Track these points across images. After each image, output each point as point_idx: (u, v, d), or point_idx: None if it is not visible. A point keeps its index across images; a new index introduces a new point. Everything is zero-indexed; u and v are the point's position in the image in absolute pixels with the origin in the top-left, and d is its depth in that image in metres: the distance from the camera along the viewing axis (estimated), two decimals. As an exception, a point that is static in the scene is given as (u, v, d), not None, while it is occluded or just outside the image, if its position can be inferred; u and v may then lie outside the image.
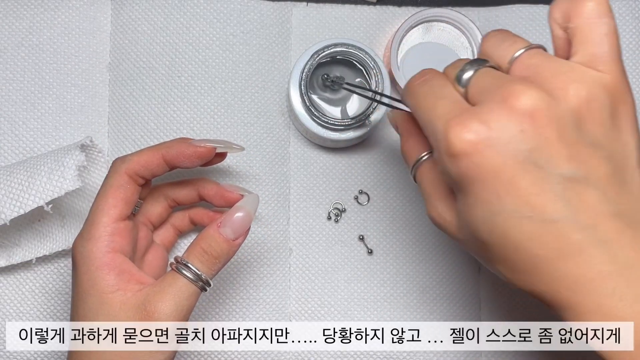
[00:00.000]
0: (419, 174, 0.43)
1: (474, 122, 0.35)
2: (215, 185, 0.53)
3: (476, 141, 0.34)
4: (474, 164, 0.35)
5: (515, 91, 0.34)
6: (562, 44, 0.39)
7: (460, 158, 0.35)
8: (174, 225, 0.55)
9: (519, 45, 0.38)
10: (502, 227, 0.35)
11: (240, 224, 0.47)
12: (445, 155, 0.36)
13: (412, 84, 0.40)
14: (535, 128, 0.34)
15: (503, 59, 0.38)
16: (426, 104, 0.38)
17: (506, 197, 0.35)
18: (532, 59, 0.37)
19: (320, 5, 0.60)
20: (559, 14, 0.38)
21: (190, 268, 0.45)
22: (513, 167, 0.34)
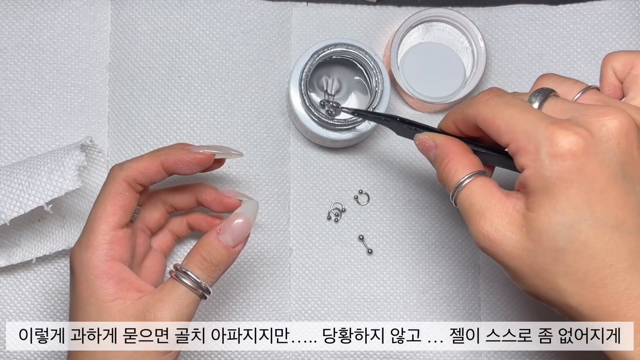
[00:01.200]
0: (467, 191, 0.42)
1: (580, 128, 0.37)
2: (213, 191, 0.53)
3: (584, 144, 0.37)
4: (577, 166, 0.37)
5: (609, 110, 0.38)
6: (613, 90, 0.43)
7: (565, 158, 0.37)
8: (172, 230, 0.55)
9: (580, 84, 0.42)
10: (585, 234, 0.37)
11: (240, 231, 0.46)
12: (547, 156, 0.37)
13: (486, 96, 0.41)
14: (628, 144, 0.38)
15: (567, 95, 0.42)
16: (513, 111, 0.39)
17: (597, 205, 0.37)
18: (597, 95, 0.41)
19: (320, 5, 0.60)
20: (619, 64, 0.42)
21: (190, 276, 0.45)
22: (608, 177, 0.37)
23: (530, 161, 0.38)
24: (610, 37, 0.60)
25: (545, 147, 0.37)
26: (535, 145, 0.38)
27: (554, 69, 0.60)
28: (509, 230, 0.40)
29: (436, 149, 0.45)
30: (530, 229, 0.39)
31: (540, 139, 0.38)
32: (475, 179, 0.42)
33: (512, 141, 0.39)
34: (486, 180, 0.42)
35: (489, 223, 0.40)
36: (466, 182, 0.42)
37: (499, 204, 0.40)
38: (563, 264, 0.38)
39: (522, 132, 0.39)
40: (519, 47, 0.60)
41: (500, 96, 0.41)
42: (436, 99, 0.57)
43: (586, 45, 0.60)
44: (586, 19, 0.60)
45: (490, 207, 0.40)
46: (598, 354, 0.58)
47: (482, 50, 0.58)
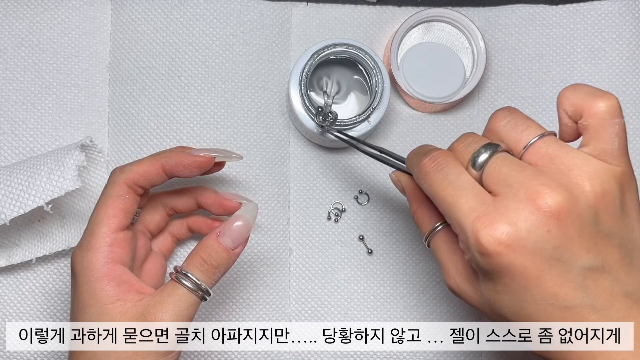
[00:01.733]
0: (434, 242, 0.45)
1: (503, 224, 0.37)
2: (213, 194, 0.53)
3: (507, 243, 0.37)
4: (505, 261, 0.37)
5: (540, 192, 0.37)
6: (570, 131, 0.41)
7: (491, 256, 0.37)
8: (172, 233, 0.55)
9: (532, 131, 0.39)
10: (526, 311, 0.39)
11: (240, 233, 0.47)
12: (475, 252, 0.38)
13: (425, 169, 0.41)
14: (559, 228, 0.37)
15: (517, 144, 0.40)
16: (446, 195, 0.39)
17: (534, 289, 0.38)
18: (547, 147, 0.39)
19: (320, 5, 0.60)
20: (570, 108, 0.40)
21: (190, 278, 0.45)
22: (540, 264, 0.37)
23: (465, 250, 0.39)
24: (610, 37, 0.60)
25: (472, 244, 0.38)
26: (464, 239, 0.39)
27: (554, 69, 0.60)
28: (466, 287, 0.42)
29: (406, 193, 0.47)
30: (482, 295, 0.41)
31: (468, 235, 0.38)
32: (440, 232, 0.44)
33: (450, 223, 0.40)
34: (450, 233, 0.43)
35: (452, 279, 0.43)
36: (433, 233, 0.45)
37: (460, 262, 0.42)
38: (515, 327, 0.40)
39: (454, 221, 0.39)
40: (519, 47, 0.60)
41: (437, 169, 0.40)
42: (436, 99, 0.57)
43: (586, 45, 0.60)
44: (586, 19, 0.60)
45: (451, 264, 0.43)
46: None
47: (482, 50, 0.58)
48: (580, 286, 0.38)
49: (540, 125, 0.40)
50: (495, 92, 0.60)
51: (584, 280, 0.38)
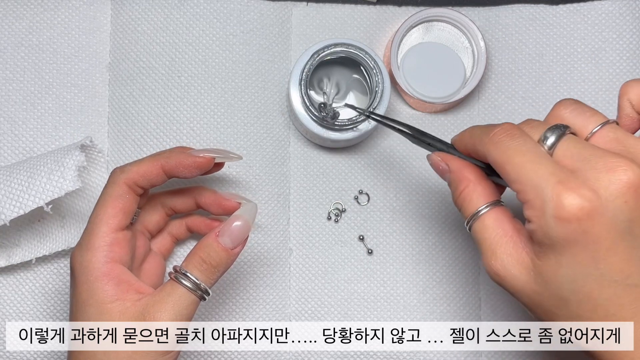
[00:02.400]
0: (481, 223, 0.43)
1: (586, 190, 0.37)
2: (212, 194, 0.53)
3: (589, 209, 0.37)
4: (582, 229, 0.37)
5: (620, 164, 0.37)
6: (631, 122, 0.42)
7: (570, 222, 0.37)
8: (171, 233, 0.55)
9: (598, 117, 0.41)
10: (588, 287, 0.38)
11: (239, 233, 0.47)
12: (551, 217, 0.37)
13: (497, 137, 0.41)
14: (636, 201, 0.37)
15: (583, 129, 0.41)
16: (523, 160, 0.39)
17: (602, 262, 0.37)
18: (615, 133, 0.40)
19: (320, 5, 0.60)
20: (636, 96, 0.42)
21: (189, 277, 0.45)
22: (614, 236, 0.37)
23: (536, 217, 0.38)
24: (610, 37, 0.60)
25: (550, 207, 0.37)
26: (541, 203, 0.38)
27: (554, 69, 0.60)
28: (517, 270, 0.41)
29: (451, 174, 0.45)
30: (538, 275, 0.40)
31: (546, 199, 0.37)
32: (490, 212, 0.42)
33: (520, 192, 0.39)
34: (500, 213, 0.42)
35: (499, 261, 0.41)
36: (480, 213, 0.42)
37: (510, 243, 0.41)
38: (567, 310, 0.39)
39: (529, 186, 0.38)
40: (519, 47, 0.60)
41: (512, 138, 0.40)
42: (436, 99, 0.57)
43: (586, 45, 0.60)
44: (586, 19, 0.60)
45: (501, 245, 0.41)
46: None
47: (482, 50, 0.58)
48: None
49: (603, 114, 0.41)
50: (495, 92, 0.60)
51: None
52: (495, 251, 0.41)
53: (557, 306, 0.40)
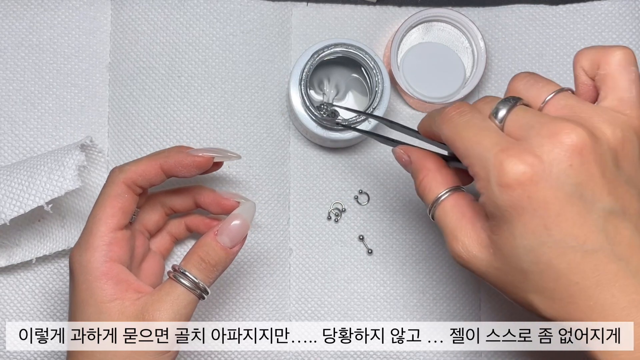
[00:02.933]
0: (441, 210, 0.43)
1: (528, 155, 0.37)
2: (211, 193, 0.53)
3: (531, 173, 0.36)
4: (526, 195, 0.37)
5: (564, 127, 0.37)
6: (587, 90, 0.42)
7: (513, 188, 0.37)
8: (170, 232, 0.55)
9: (551, 87, 0.41)
10: (547, 256, 0.37)
11: (237, 232, 0.47)
12: (496, 185, 0.37)
13: (449, 114, 0.41)
14: (582, 163, 0.37)
15: (536, 99, 0.41)
16: (469, 134, 0.39)
17: (554, 228, 0.37)
18: (567, 100, 0.40)
19: (320, 5, 0.60)
20: (587, 62, 0.41)
21: (188, 276, 0.45)
22: (562, 200, 0.37)
23: (484, 188, 0.38)
24: (610, 37, 0.60)
25: (494, 175, 0.37)
26: (485, 172, 0.38)
27: (554, 69, 0.60)
28: (478, 250, 0.41)
29: (412, 164, 0.46)
30: (496, 250, 0.39)
31: (490, 168, 0.37)
32: (449, 198, 0.43)
33: (469, 165, 0.39)
34: (459, 198, 0.43)
35: (460, 244, 0.41)
36: (440, 200, 0.43)
37: (469, 225, 0.41)
38: (531, 283, 0.39)
39: (475, 158, 0.39)
40: (519, 47, 0.60)
41: (461, 114, 0.41)
42: (436, 99, 0.57)
43: (586, 45, 0.60)
44: (586, 19, 0.60)
45: (460, 228, 0.42)
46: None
47: (482, 50, 0.58)
48: (601, 230, 0.37)
49: (557, 84, 0.41)
50: (495, 92, 0.60)
51: (604, 223, 0.37)
52: (456, 235, 0.42)
53: (520, 280, 0.39)
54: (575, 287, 0.38)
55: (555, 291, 0.38)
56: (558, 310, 0.39)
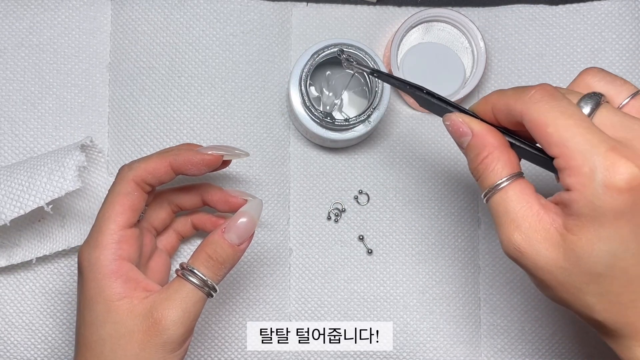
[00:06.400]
0: (503, 195, 0.40)
1: (639, 159, 0.36)
2: (219, 191, 0.53)
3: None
4: (632, 200, 0.36)
5: None
6: None
7: (622, 192, 0.35)
8: (177, 230, 0.55)
9: (630, 87, 0.40)
10: (625, 263, 0.37)
11: (245, 229, 0.47)
12: (601, 185, 0.36)
13: (537, 97, 0.38)
14: None
15: (616, 98, 0.40)
16: (569, 123, 0.37)
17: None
18: None
19: (320, 5, 0.60)
20: None
21: (196, 274, 0.45)
22: None
23: (581, 185, 0.36)
24: (610, 37, 0.60)
25: (601, 175, 0.36)
26: (590, 170, 0.36)
27: (554, 69, 0.60)
28: (543, 246, 0.38)
29: (472, 138, 0.41)
30: (568, 251, 0.38)
31: (597, 166, 0.36)
32: (514, 183, 0.40)
33: (562, 156, 0.37)
34: (524, 186, 0.40)
35: (523, 235, 0.39)
36: (504, 184, 0.40)
37: (536, 217, 0.39)
38: (597, 286, 0.38)
39: (577, 151, 0.36)
40: (519, 47, 0.60)
41: (555, 98, 0.38)
42: (436, 99, 0.57)
43: (586, 45, 0.60)
44: (586, 19, 0.60)
45: (526, 219, 0.39)
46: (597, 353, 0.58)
47: (482, 50, 0.58)
48: None
49: (634, 85, 0.40)
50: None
51: None
52: (519, 225, 0.39)
53: (586, 282, 0.38)
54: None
55: (620, 296, 0.38)
56: (614, 313, 0.39)
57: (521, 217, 0.39)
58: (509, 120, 0.40)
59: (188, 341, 0.46)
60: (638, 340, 0.39)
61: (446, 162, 0.60)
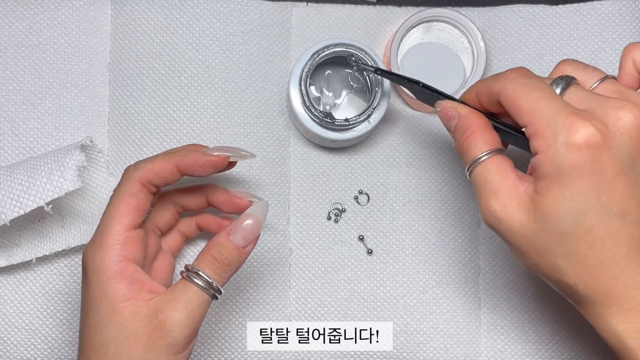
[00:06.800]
0: (483, 168, 0.43)
1: (597, 121, 0.39)
2: (224, 192, 0.53)
3: (599, 138, 0.39)
4: (590, 157, 0.39)
5: (625, 105, 0.40)
6: (631, 81, 0.45)
7: (581, 149, 0.39)
8: (181, 231, 0.55)
9: (599, 73, 0.44)
10: (590, 221, 0.39)
11: (250, 231, 0.46)
12: (563, 144, 0.39)
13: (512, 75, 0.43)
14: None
15: (586, 82, 0.44)
16: (537, 95, 0.41)
17: (604, 194, 0.39)
18: (616, 86, 0.43)
19: (320, 5, 0.60)
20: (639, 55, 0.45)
21: (201, 276, 0.45)
22: (617, 169, 0.39)
23: (545, 146, 0.40)
24: (610, 37, 0.60)
25: (562, 135, 0.39)
26: (552, 131, 0.39)
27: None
28: (516, 211, 0.41)
29: (458, 120, 0.46)
30: (538, 212, 0.41)
31: (559, 127, 0.39)
32: (493, 157, 0.43)
33: (530, 124, 0.41)
34: (503, 159, 0.43)
35: (499, 202, 0.42)
36: (484, 158, 0.43)
37: (512, 186, 0.42)
38: (565, 247, 0.40)
39: (542, 117, 0.40)
40: (519, 47, 0.60)
41: (527, 77, 0.42)
42: (436, 99, 0.57)
43: (586, 45, 0.60)
44: (586, 19, 0.60)
45: (502, 187, 0.42)
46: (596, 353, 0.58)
47: (482, 50, 0.58)
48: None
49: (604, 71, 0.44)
50: (495, 92, 0.60)
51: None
52: (496, 193, 0.42)
53: (554, 243, 0.40)
54: (607, 254, 0.40)
55: (586, 257, 0.40)
56: (583, 276, 0.40)
57: (498, 186, 0.42)
58: (490, 101, 0.44)
59: (192, 343, 0.46)
60: (609, 306, 0.40)
61: (446, 162, 0.60)
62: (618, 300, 0.40)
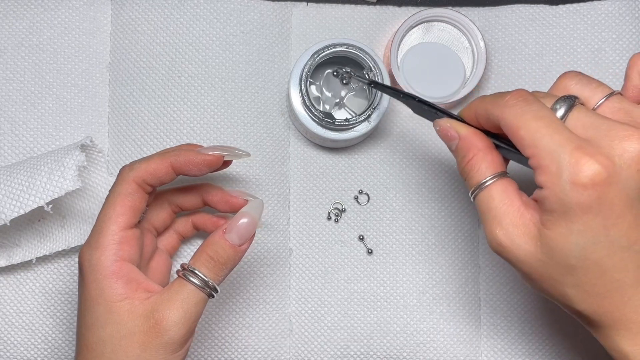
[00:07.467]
0: (487, 194, 0.42)
1: (602, 156, 0.38)
2: (219, 191, 0.53)
3: (605, 175, 0.38)
4: (597, 195, 0.38)
5: (632, 133, 0.38)
6: (637, 94, 0.43)
7: (587, 188, 0.38)
8: (177, 230, 0.55)
9: (604, 89, 0.42)
10: (597, 255, 0.39)
11: (246, 230, 0.47)
12: (568, 183, 0.38)
13: (512, 102, 0.41)
14: None
15: (590, 100, 0.42)
16: (539, 125, 0.39)
17: (612, 228, 0.38)
18: (621, 104, 0.41)
19: (320, 5, 0.60)
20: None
21: (197, 274, 0.45)
22: (625, 203, 0.38)
23: (550, 182, 0.39)
24: (610, 37, 0.60)
25: (567, 172, 0.38)
26: (557, 168, 0.38)
27: (554, 69, 0.60)
28: (522, 240, 0.41)
29: (459, 141, 0.44)
30: (544, 244, 0.40)
31: (564, 164, 0.38)
32: (497, 182, 0.42)
33: (534, 157, 0.39)
34: (507, 184, 0.42)
35: (504, 231, 0.41)
36: (488, 183, 0.42)
37: (517, 214, 0.41)
38: (572, 277, 0.40)
39: (545, 151, 0.39)
40: (519, 47, 0.60)
41: (527, 103, 0.40)
42: (436, 99, 0.57)
43: (586, 45, 0.60)
44: (586, 19, 0.60)
45: (507, 215, 0.41)
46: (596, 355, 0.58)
47: (482, 50, 0.58)
48: None
49: (608, 86, 0.42)
50: (495, 92, 0.60)
51: None
52: (500, 221, 0.41)
53: (562, 274, 0.40)
54: (616, 284, 0.39)
55: (595, 286, 0.40)
56: (592, 303, 0.40)
57: (503, 213, 0.41)
58: (490, 124, 0.43)
59: (189, 342, 0.46)
60: (617, 329, 0.40)
61: (446, 162, 0.60)
62: (627, 324, 0.40)
